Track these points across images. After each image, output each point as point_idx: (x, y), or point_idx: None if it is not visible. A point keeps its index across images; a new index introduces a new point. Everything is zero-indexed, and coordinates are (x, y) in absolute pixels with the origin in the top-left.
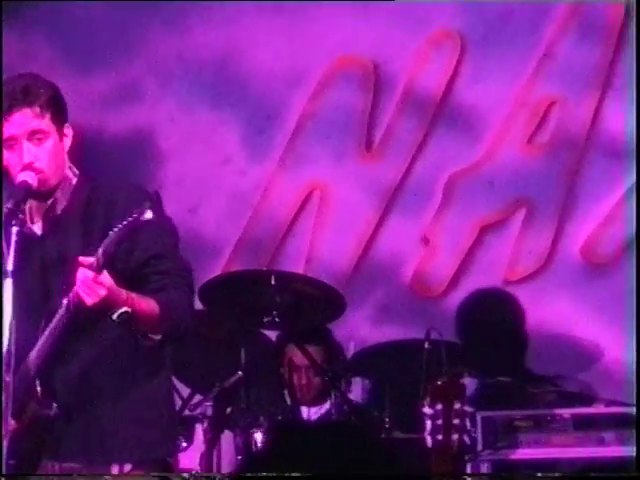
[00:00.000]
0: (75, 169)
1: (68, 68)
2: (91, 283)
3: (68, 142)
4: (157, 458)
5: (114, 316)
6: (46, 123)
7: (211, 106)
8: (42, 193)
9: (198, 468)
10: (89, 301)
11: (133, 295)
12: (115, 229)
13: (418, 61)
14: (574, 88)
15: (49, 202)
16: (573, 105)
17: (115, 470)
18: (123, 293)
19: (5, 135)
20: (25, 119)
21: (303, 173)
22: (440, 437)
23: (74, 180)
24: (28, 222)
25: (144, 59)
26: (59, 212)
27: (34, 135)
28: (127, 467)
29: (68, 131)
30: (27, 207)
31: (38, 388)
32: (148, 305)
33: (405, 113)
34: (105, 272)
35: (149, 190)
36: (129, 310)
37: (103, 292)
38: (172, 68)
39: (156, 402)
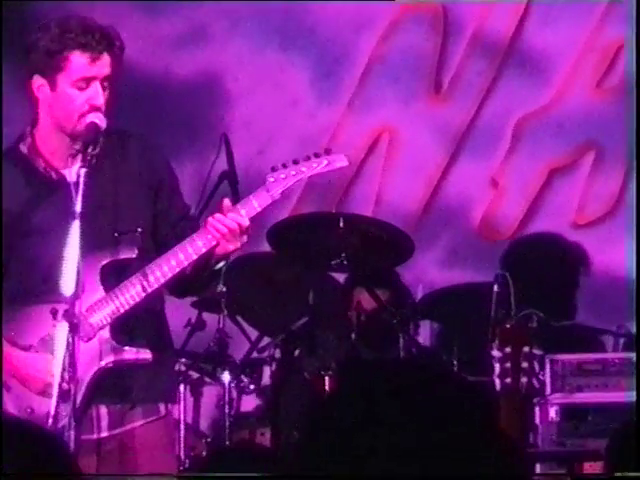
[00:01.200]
0: None
1: (135, 10)
2: (244, 231)
3: None
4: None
5: (219, 265)
6: (120, 68)
7: (280, 48)
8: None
9: (266, 410)
10: (231, 248)
11: None
12: (283, 174)
13: (487, 4)
14: None
15: (92, 149)
16: None
17: (163, 409)
18: None
19: (83, 74)
20: (110, 62)
21: (372, 116)
22: (509, 380)
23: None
24: (58, 167)
25: (212, 1)
26: (94, 160)
27: (106, 80)
28: (169, 406)
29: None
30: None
31: (109, 334)
32: None
33: (474, 56)
34: None
35: (217, 133)
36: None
37: (245, 239)
38: (240, 10)
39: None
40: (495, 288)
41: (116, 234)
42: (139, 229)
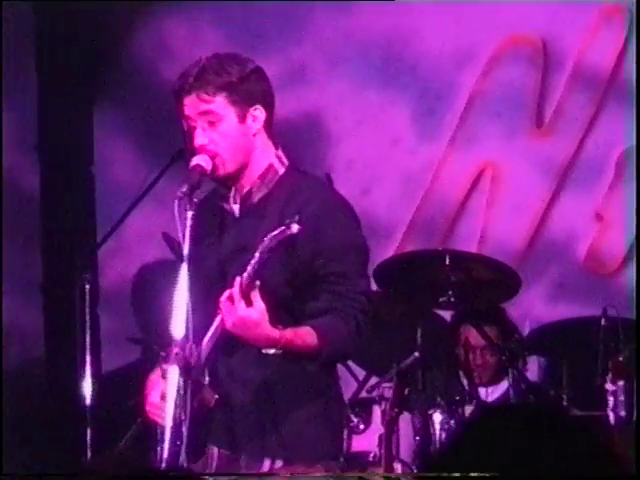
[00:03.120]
0: (285, 159)
1: (234, 51)
2: (230, 305)
3: (256, 124)
4: (306, 459)
5: (262, 351)
6: (218, 106)
7: (380, 87)
8: (222, 176)
9: (377, 450)
10: (227, 323)
11: (288, 334)
12: (262, 243)
13: (588, 37)
14: None
15: (246, 189)
16: None
17: (267, 465)
18: (271, 330)
19: (183, 116)
20: (193, 103)
21: (474, 152)
22: (623, 413)
23: (281, 170)
24: (231, 202)
25: (311, 41)
26: (255, 200)
27: (205, 118)
28: (279, 464)
29: (258, 113)
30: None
31: (207, 377)
32: (304, 340)
33: (575, 89)
34: (257, 295)
35: (320, 174)
36: (279, 351)
37: (240, 314)
38: (340, 49)
39: (310, 405)
40: (603, 322)
41: (238, 278)
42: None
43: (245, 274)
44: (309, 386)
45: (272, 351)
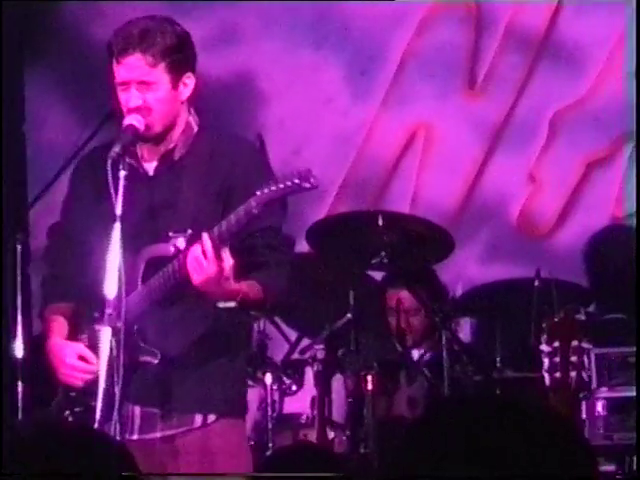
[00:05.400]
0: (197, 118)
1: (165, 13)
2: (203, 261)
3: (187, 91)
4: (236, 412)
5: (219, 304)
6: (157, 73)
7: (313, 47)
8: (150, 136)
9: (309, 411)
10: (196, 279)
11: (244, 286)
12: (259, 193)
13: None
14: None
15: (170, 146)
16: None
17: (199, 420)
18: (234, 284)
19: (118, 79)
20: (137, 65)
21: (407, 112)
22: (558, 375)
23: (195, 129)
24: (142, 162)
25: (243, 1)
26: (176, 158)
27: (142, 81)
28: (211, 417)
29: (189, 80)
30: (139, 146)
31: (135, 334)
32: (254, 292)
33: (508, 50)
34: (227, 251)
35: (252, 134)
36: (236, 305)
37: (212, 270)
38: (272, 10)
39: (236, 359)
40: (536, 283)
41: (171, 233)
42: (189, 230)
43: (216, 230)
44: (229, 342)
45: (231, 304)
